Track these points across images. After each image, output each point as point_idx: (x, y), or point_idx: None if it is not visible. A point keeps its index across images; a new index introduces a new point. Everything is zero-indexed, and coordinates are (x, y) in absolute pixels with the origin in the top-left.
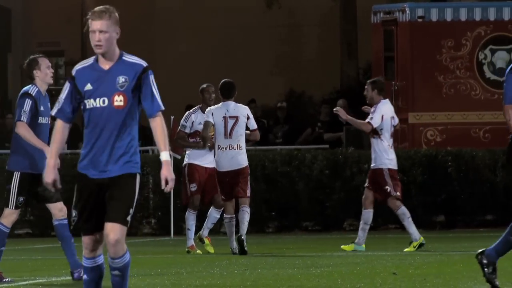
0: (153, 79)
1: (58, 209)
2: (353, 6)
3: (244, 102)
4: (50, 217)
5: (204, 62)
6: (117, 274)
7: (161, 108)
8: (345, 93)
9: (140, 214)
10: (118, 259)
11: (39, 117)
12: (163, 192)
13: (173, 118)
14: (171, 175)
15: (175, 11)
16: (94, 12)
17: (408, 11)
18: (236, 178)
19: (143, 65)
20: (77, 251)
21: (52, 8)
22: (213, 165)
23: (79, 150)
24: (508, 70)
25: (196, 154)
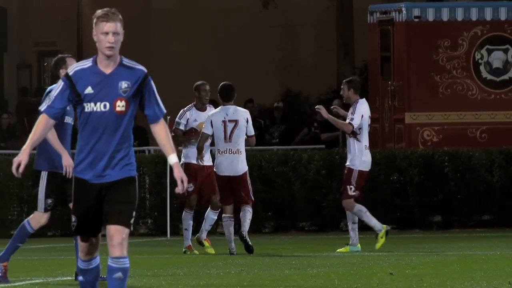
0: (153, 85)
1: None
2: (349, 6)
3: (241, 102)
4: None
5: (200, 62)
6: (119, 276)
7: (164, 112)
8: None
9: (137, 214)
10: (123, 259)
11: (65, 116)
12: (159, 193)
13: (169, 118)
14: (185, 176)
15: (171, 11)
16: (104, 14)
17: (404, 11)
18: (237, 185)
19: (145, 71)
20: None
21: (48, 8)
22: (210, 163)
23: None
24: None
25: (193, 153)
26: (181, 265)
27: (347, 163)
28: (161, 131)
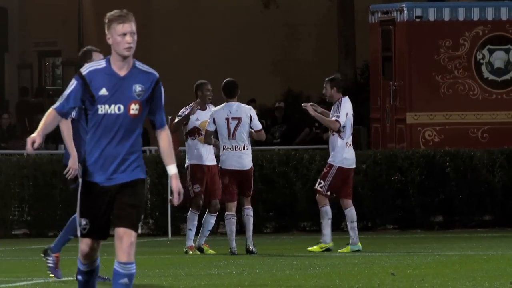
0: (163, 91)
1: None
2: (350, 6)
3: (243, 102)
4: (47, 217)
5: (201, 62)
6: (125, 282)
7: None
8: (343, 93)
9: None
10: (130, 265)
11: (82, 116)
12: (161, 193)
13: (170, 118)
14: (182, 189)
15: (172, 11)
16: (119, 16)
17: (406, 11)
18: (242, 180)
19: (157, 76)
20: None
21: (49, 8)
22: (214, 163)
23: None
24: None
25: (196, 154)
26: (182, 265)
27: (329, 159)
28: (165, 139)
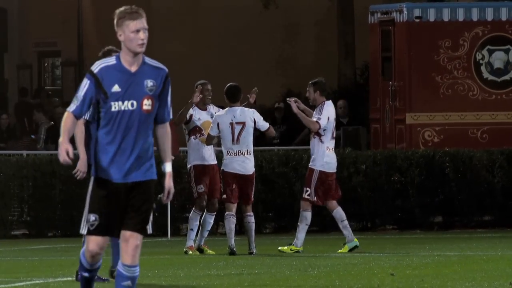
0: (170, 86)
1: None
2: (350, 6)
3: (242, 103)
4: (46, 218)
5: (200, 62)
6: (128, 284)
7: (171, 117)
8: (342, 93)
9: None
10: (134, 267)
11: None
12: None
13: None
14: (173, 189)
15: (171, 11)
16: (130, 13)
17: (405, 11)
18: (244, 184)
19: (166, 70)
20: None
21: (49, 8)
22: (215, 162)
23: (76, 151)
24: None
25: (199, 154)
26: (181, 265)
27: (310, 163)
28: (165, 135)
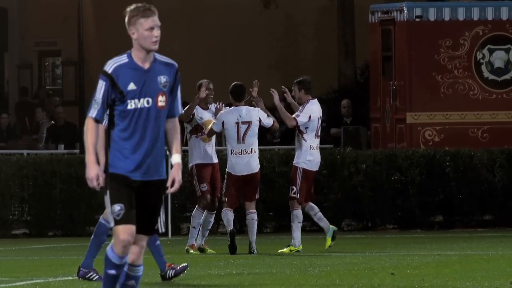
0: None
1: None
2: (350, 6)
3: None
4: (47, 217)
5: (200, 62)
6: (131, 284)
7: (181, 111)
8: (342, 93)
9: None
10: (138, 267)
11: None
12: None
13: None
14: (180, 179)
15: (172, 11)
16: (143, 10)
17: (406, 11)
18: (248, 183)
19: (176, 65)
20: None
21: (49, 8)
22: (217, 161)
23: (76, 150)
24: None
25: (201, 153)
26: None
27: (293, 161)
28: (174, 128)
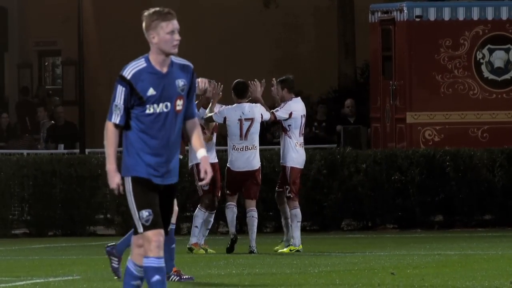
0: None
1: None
2: (350, 6)
3: None
4: (47, 217)
5: (200, 62)
6: (137, 284)
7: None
8: (343, 92)
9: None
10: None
11: None
12: None
13: None
14: (211, 170)
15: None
16: (163, 14)
17: (406, 10)
18: (248, 179)
19: (192, 66)
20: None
21: (49, 8)
22: (216, 160)
23: (76, 150)
24: None
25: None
26: (182, 265)
27: (281, 160)
28: (195, 126)
